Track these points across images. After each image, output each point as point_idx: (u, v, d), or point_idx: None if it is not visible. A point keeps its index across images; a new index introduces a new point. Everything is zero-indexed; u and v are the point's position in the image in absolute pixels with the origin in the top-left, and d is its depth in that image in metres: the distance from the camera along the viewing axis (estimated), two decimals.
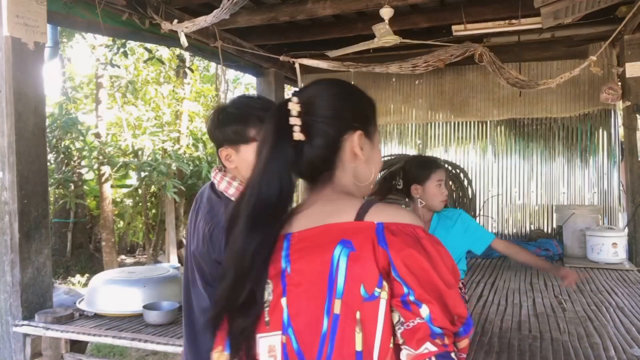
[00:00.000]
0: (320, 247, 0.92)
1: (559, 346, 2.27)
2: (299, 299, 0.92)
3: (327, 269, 0.89)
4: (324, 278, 0.89)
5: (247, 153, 1.63)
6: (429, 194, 2.38)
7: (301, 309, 0.91)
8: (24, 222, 2.73)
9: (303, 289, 0.92)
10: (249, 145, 1.63)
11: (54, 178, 7.31)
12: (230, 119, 1.66)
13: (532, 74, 5.29)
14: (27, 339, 2.64)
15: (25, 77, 2.76)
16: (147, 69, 9.05)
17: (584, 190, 5.25)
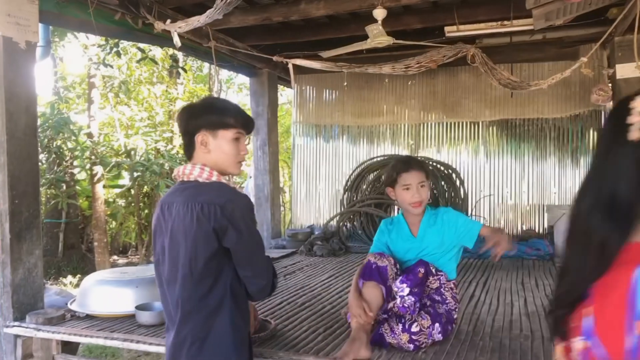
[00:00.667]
0: (624, 264, 0.87)
1: (550, 345, 2.28)
2: (603, 311, 0.88)
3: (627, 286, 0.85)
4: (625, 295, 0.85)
5: (224, 138, 1.78)
6: (398, 198, 2.41)
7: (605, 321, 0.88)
8: (15, 223, 2.72)
9: (608, 302, 0.88)
10: (227, 130, 1.78)
11: (45, 178, 7.26)
12: (209, 109, 1.81)
13: (524, 75, 5.33)
14: (18, 340, 2.63)
15: (16, 76, 2.74)
16: (140, 68, 9.02)
17: (574, 191, 5.28)
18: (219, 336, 1.68)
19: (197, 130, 1.77)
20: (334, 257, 4.89)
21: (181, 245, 1.69)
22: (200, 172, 1.75)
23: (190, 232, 1.66)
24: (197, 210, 1.65)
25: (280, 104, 12.51)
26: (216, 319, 1.68)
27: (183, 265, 1.68)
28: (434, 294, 2.36)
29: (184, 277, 1.68)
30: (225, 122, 1.78)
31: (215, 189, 1.72)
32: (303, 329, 2.55)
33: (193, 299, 1.68)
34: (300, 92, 6.34)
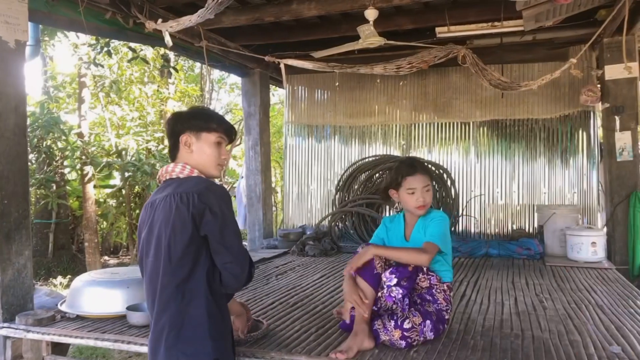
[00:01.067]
0: None
1: (540, 344, 2.31)
2: None
3: None
4: None
5: (207, 140, 1.91)
6: (402, 200, 2.44)
7: None
8: (4, 223, 2.69)
9: None
10: (210, 133, 1.91)
11: (35, 178, 7.21)
12: (195, 115, 1.96)
13: (514, 76, 5.37)
14: (8, 341, 2.60)
15: (5, 75, 2.72)
16: (131, 68, 8.97)
17: (564, 191, 5.34)
18: (195, 325, 1.73)
19: (182, 132, 1.89)
20: (326, 257, 4.89)
21: (162, 234, 1.75)
22: (182, 169, 1.87)
23: (169, 220, 1.74)
24: (176, 199, 1.74)
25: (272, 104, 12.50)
26: (192, 307, 1.73)
27: (164, 253, 1.74)
28: (425, 293, 2.38)
29: (164, 265, 1.74)
30: (209, 126, 1.91)
31: (194, 180, 1.82)
32: (295, 329, 2.55)
33: (171, 286, 1.73)
34: (292, 92, 6.34)
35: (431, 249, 2.26)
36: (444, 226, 2.36)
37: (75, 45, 7.84)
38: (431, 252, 2.26)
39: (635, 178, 4.39)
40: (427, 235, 2.33)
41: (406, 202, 2.41)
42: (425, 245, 2.28)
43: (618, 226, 4.41)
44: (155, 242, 1.78)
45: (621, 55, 4.15)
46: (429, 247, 2.27)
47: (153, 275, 1.79)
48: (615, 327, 2.53)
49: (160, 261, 1.75)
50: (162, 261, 1.75)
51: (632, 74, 4.26)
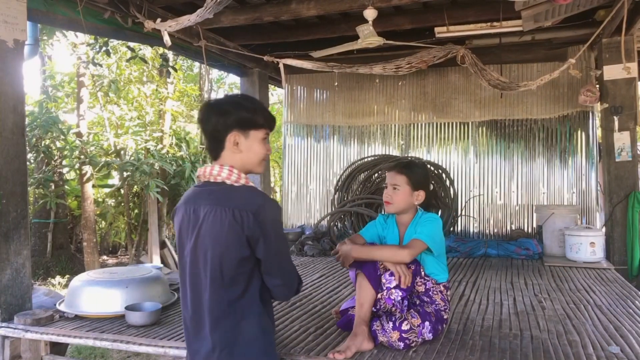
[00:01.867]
0: None
1: (538, 344, 2.31)
2: None
3: None
4: None
5: (255, 138, 1.75)
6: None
7: None
8: (3, 223, 2.69)
9: None
10: (258, 131, 1.75)
11: (33, 178, 7.20)
12: (240, 107, 1.74)
13: (513, 76, 5.37)
14: (6, 341, 2.60)
15: (4, 75, 2.72)
16: (129, 67, 8.96)
17: (563, 191, 5.34)
18: (249, 341, 1.67)
19: (228, 130, 1.72)
20: (325, 257, 4.89)
21: (210, 249, 1.66)
22: (229, 174, 1.73)
23: (221, 237, 1.64)
24: (229, 216, 1.63)
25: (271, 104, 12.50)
26: (246, 324, 1.67)
27: (213, 270, 1.66)
28: (423, 295, 2.38)
29: (213, 282, 1.66)
30: (257, 122, 1.76)
31: (246, 194, 1.70)
32: (294, 329, 2.55)
33: (223, 304, 1.66)
34: (291, 92, 6.34)
35: (414, 245, 2.26)
36: (434, 226, 2.33)
37: (73, 45, 7.83)
38: (413, 247, 2.25)
39: (633, 178, 4.39)
40: (416, 233, 2.32)
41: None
42: (410, 242, 2.28)
43: (617, 226, 4.41)
44: (202, 257, 1.69)
45: (620, 55, 4.15)
46: (413, 243, 2.27)
47: (199, 288, 1.70)
48: (614, 327, 2.54)
49: (208, 279, 1.67)
50: (210, 279, 1.66)
51: (631, 74, 4.26)
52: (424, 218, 2.38)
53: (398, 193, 2.36)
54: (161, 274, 3.17)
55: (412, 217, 2.42)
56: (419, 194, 2.38)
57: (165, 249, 8.27)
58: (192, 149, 9.40)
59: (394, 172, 2.39)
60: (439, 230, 2.36)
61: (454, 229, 5.48)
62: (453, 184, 5.44)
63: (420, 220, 2.38)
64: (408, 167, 2.41)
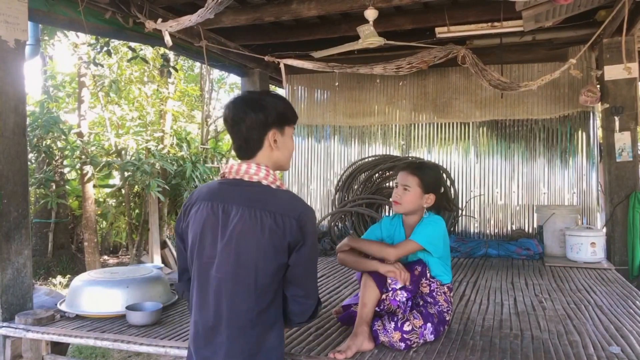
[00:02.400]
0: None
1: (539, 344, 2.31)
2: None
3: None
4: None
5: (289, 134, 1.72)
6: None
7: None
8: (4, 223, 2.69)
9: None
10: (290, 126, 1.71)
11: (34, 178, 7.21)
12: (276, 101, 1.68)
13: (514, 76, 5.37)
14: (7, 340, 2.60)
15: (5, 75, 2.72)
16: (130, 68, 8.97)
17: (563, 191, 5.34)
18: (270, 350, 1.61)
19: (268, 127, 1.64)
20: (325, 257, 4.90)
21: (245, 254, 1.56)
22: (267, 174, 1.64)
23: (259, 242, 1.55)
24: (269, 220, 1.55)
25: None
26: (270, 335, 1.61)
27: (246, 276, 1.56)
28: (427, 296, 2.37)
29: (244, 289, 1.57)
30: (290, 117, 1.71)
31: (287, 198, 1.63)
32: (295, 328, 2.55)
33: (252, 312, 1.57)
34: (291, 92, 6.34)
35: (405, 246, 2.28)
36: (434, 229, 2.32)
37: (74, 45, 7.84)
38: (402, 250, 2.27)
39: (634, 178, 4.39)
40: (413, 234, 2.31)
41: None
42: (404, 242, 2.31)
43: (617, 226, 4.41)
44: (233, 260, 1.57)
45: (620, 55, 4.15)
46: (403, 243, 2.29)
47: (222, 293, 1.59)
48: (614, 327, 2.54)
49: (239, 284, 1.57)
50: (243, 285, 1.56)
51: (632, 75, 4.26)
52: (427, 220, 2.37)
53: (408, 194, 2.34)
54: (162, 273, 3.17)
55: (418, 219, 2.40)
56: (429, 197, 2.36)
57: (166, 248, 8.28)
58: (193, 149, 9.41)
59: (406, 173, 2.37)
60: (440, 232, 2.34)
61: (454, 229, 5.48)
62: (454, 184, 5.44)
63: (424, 222, 2.36)
64: (421, 168, 2.38)
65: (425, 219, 2.39)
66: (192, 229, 1.67)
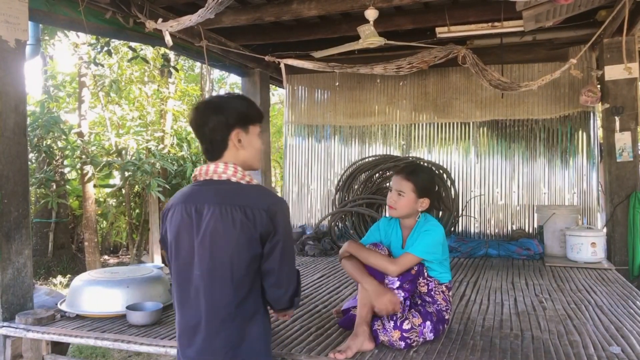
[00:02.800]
0: None
1: (539, 344, 2.31)
2: None
3: None
4: None
5: (254, 133, 1.75)
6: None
7: None
8: (4, 222, 2.69)
9: None
10: (255, 125, 1.75)
11: (35, 177, 7.21)
12: (236, 101, 1.73)
13: (514, 76, 5.37)
14: (8, 340, 2.61)
15: (5, 75, 2.72)
16: (131, 68, 8.97)
17: (564, 191, 5.34)
18: (253, 342, 1.64)
19: (232, 128, 1.69)
20: (326, 257, 4.89)
21: (220, 250, 1.62)
22: (234, 171, 1.70)
23: (231, 236, 1.60)
24: (239, 214, 1.60)
25: (272, 104, 12.51)
26: (251, 325, 1.65)
27: (222, 270, 1.62)
28: (425, 295, 2.38)
29: (221, 283, 1.62)
30: (253, 116, 1.75)
31: (256, 191, 1.68)
32: (295, 328, 2.55)
33: (231, 305, 1.62)
34: (292, 92, 6.34)
35: (405, 261, 2.27)
36: (432, 238, 2.30)
37: (75, 45, 7.84)
38: (403, 263, 2.26)
39: (635, 178, 4.39)
40: (412, 247, 2.30)
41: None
42: (402, 256, 2.28)
43: (618, 227, 4.41)
44: (209, 256, 1.62)
45: (621, 55, 4.15)
46: (404, 260, 2.27)
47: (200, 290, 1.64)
48: (615, 327, 2.54)
49: (216, 279, 1.62)
50: (220, 279, 1.62)
51: (632, 75, 4.26)
52: (425, 227, 2.35)
53: (402, 199, 2.34)
54: (162, 273, 3.17)
55: (415, 221, 2.41)
56: (424, 201, 2.36)
57: None
58: (193, 149, 9.41)
59: (401, 178, 2.37)
60: (438, 240, 2.32)
61: (454, 229, 5.48)
62: (454, 184, 5.44)
63: (422, 229, 2.35)
64: (415, 173, 2.38)
65: (422, 223, 2.38)
66: (169, 232, 1.74)
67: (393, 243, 2.48)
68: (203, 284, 1.64)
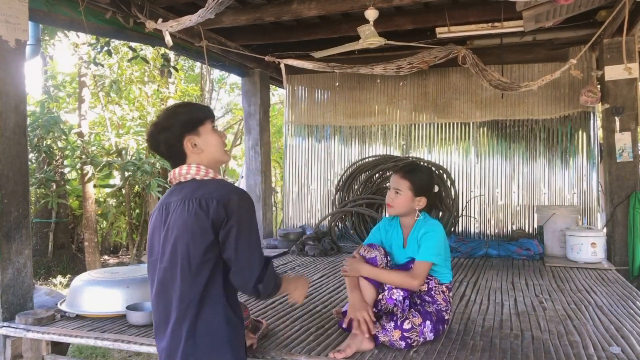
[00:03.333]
0: None
1: (539, 344, 2.31)
2: None
3: None
4: None
5: (207, 131, 1.83)
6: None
7: None
8: (4, 222, 2.69)
9: None
10: (204, 125, 1.83)
11: (35, 177, 7.20)
12: (176, 113, 1.83)
13: (514, 76, 5.37)
14: (8, 340, 2.61)
15: (5, 75, 2.72)
16: (131, 68, 8.97)
17: (564, 191, 5.34)
18: (214, 332, 1.68)
19: (180, 138, 1.78)
20: (326, 257, 4.89)
21: (178, 240, 1.69)
22: (197, 170, 1.80)
23: (188, 227, 1.68)
24: (195, 205, 1.69)
25: (272, 104, 12.51)
26: (211, 315, 1.68)
27: (182, 259, 1.68)
28: (425, 295, 2.38)
29: (182, 272, 1.68)
30: (199, 116, 1.83)
31: (213, 184, 1.76)
32: (295, 329, 2.55)
33: (190, 294, 1.68)
34: (292, 92, 6.34)
35: (422, 271, 2.29)
36: (438, 240, 2.32)
37: (75, 45, 7.84)
38: (422, 275, 2.29)
39: (635, 179, 4.39)
40: (419, 254, 2.31)
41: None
42: (416, 266, 2.29)
43: (618, 227, 4.41)
44: (171, 248, 1.71)
45: (621, 56, 4.15)
46: (420, 270, 2.28)
47: (168, 282, 1.72)
48: (615, 327, 2.54)
49: (177, 268, 1.69)
50: (180, 268, 1.69)
51: (632, 75, 4.26)
52: (426, 228, 2.35)
53: (400, 197, 2.37)
54: None
55: (414, 221, 2.42)
56: (421, 200, 2.38)
57: None
58: None
59: (398, 177, 2.40)
60: (440, 240, 2.34)
61: (454, 229, 5.48)
62: (454, 185, 5.44)
63: (423, 230, 2.35)
64: (412, 172, 2.40)
65: (421, 223, 2.39)
66: (148, 236, 1.86)
67: (394, 242, 2.49)
68: (167, 275, 1.73)
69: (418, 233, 2.37)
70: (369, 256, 2.37)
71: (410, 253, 2.39)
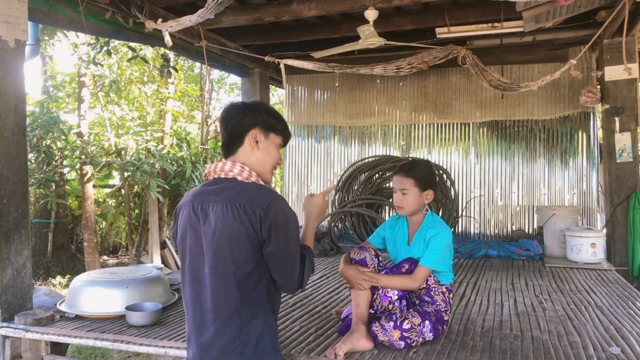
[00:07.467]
0: None
1: (539, 345, 2.31)
2: None
3: None
4: None
5: (274, 142, 1.81)
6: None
7: None
8: (4, 223, 2.69)
9: None
10: (277, 135, 1.82)
11: (34, 178, 7.20)
12: (266, 110, 1.81)
13: (514, 77, 5.37)
14: (7, 341, 2.60)
15: (5, 75, 2.72)
16: (130, 68, 8.97)
17: (564, 192, 5.34)
18: (259, 339, 1.67)
19: (252, 126, 1.76)
20: (325, 257, 4.89)
21: (223, 247, 1.65)
22: (241, 170, 1.74)
23: (233, 233, 1.64)
24: (240, 211, 1.64)
25: (272, 104, 12.51)
26: (256, 322, 1.68)
27: (225, 267, 1.65)
28: (424, 294, 2.38)
29: (226, 280, 1.66)
30: (277, 127, 1.82)
31: (256, 190, 1.71)
32: (295, 329, 2.55)
33: (236, 302, 1.65)
34: (292, 93, 6.34)
35: (423, 275, 2.31)
36: (444, 245, 2.31)
37: (74, 45, 7.83)
38: (422, 279, 2.31)
39: (634, 179, 4.39)
40: (424, 258, 2.30)
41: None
42: (418, 270, 2.30)
43: (618, 227, 4.41)
44: (213, 254, 1.67)
45: (621, 56, 4.15)
46: (421, 274, 2.30)
47: (207, 289, 1.69)
48: (614, 328, 2.54)
49: (220, 276, 1.66)
50: (224, 276, 1.66)
51: (632, 75, 4.26)
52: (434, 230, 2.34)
53: (408, 197, 2.37)
54: (162, 274, 3.17)
55: (422, 217, 2.43)
56: (428, 193, 2.39)
57: (165, 249, 8.27)
58: (192, 149, 9.41)
59: (401, 176, 2.39)
60: (445, 246, 2.32)
61: (454, 229, 5.48)
62: (454, 185, 5.44)
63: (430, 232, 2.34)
64: (413, 168, 2.40)
65: (429, 221, 2.39)
66: (179, 231, 1.80)
67: (399, 239, 2.49)
68: (209, 281, 1.69)
69: (425, 233, 2.36)
70: (357, 258, 2.39)
71: (414, 251, 2.39)
